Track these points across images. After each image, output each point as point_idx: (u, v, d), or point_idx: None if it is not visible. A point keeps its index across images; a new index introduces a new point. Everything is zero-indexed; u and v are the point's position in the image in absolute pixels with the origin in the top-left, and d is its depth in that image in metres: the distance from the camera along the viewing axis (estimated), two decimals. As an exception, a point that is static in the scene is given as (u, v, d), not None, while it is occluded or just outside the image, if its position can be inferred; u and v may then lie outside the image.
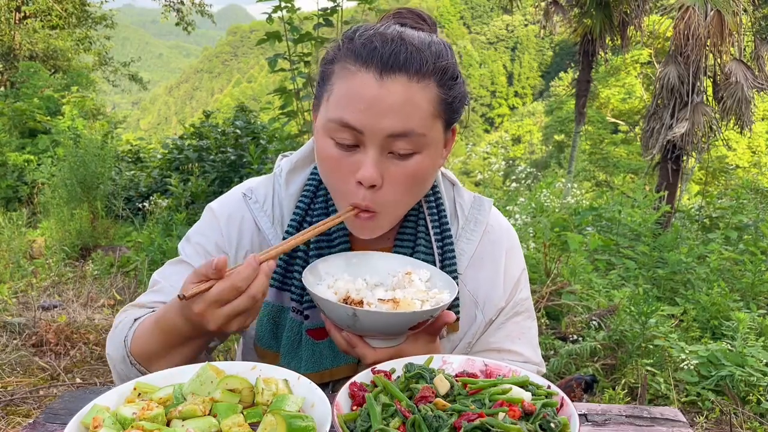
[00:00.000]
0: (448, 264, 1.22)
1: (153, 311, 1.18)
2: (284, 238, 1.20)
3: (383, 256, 1.17)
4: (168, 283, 1.23)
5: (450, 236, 1.24)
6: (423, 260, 1.21)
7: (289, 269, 1.21)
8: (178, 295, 0.98)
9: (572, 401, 0.85)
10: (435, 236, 1.23)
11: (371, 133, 1.04)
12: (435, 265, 1.21)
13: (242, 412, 0.83)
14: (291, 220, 1.22)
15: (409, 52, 1.04)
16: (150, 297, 1.24)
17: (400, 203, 1.13)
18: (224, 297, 0.97)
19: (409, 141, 1.05)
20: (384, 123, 1.03)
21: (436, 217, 1.25)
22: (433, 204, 1.26)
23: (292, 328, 1.19)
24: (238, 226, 1.24)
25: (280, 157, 1.33)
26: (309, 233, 1.09)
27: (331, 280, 1.11)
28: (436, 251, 1.22)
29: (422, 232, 1.23)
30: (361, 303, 1.04)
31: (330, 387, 1.21)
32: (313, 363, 1.18)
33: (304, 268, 1.16)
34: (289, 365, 1.18)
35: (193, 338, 1.07)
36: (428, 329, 1.07)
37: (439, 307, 1.02)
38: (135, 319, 1.18)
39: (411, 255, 1.22)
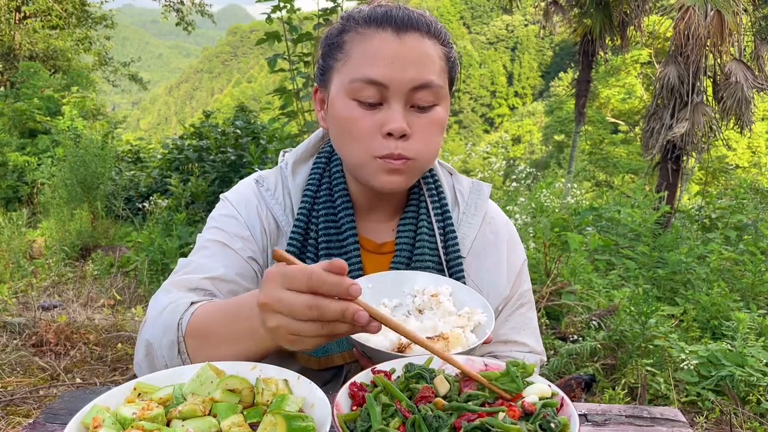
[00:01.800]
0: (450, 246, 1.25)
1: (207, 296, 1.13)
2: (295, 226, 1.22)
3: (394, 275, 1.17)
4: (204, 261, 1.17)
5: (450, 219, 1.27)
6: (426, 243, 1.22)
7: (302, 258, 1.23)
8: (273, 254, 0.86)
9: (572, 401, 0.85)
10: (437, 219, 1.26)
11: (396, 86, 1.10)
12: (438, 250, 1.24)
13: (242, 412, 0.83)
14: (300, 208, 1.24)
15: (415, 15, 1.15)
16: (187, 276, 1.15)
17: (430, 150, 1.17)
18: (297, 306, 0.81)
19: (429, 92, 1.12)
20: (407, 75, 1.10)
21: (437, 200, 1.28)
22: (433, 189, 1.29)
23: None
24: (255, 210, 1.26)
25: (282, 153, 1.36)
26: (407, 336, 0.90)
27: None
28: (438, 235, 1.25)
29: (424, 216, 1.26)
30: (409, 345, 1.01)
31: (344, 370, 1.22)
32: (327, 347, 1.18)
33: (315, 255, 1.21)
34: (304, 351, 1.18)
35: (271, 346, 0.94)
36: None
37: (486, 336, 1.02)
38: (192, 303, 1.09)
39: (414, 239, 1.24)
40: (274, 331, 0.85)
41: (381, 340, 1.02)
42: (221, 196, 1.31)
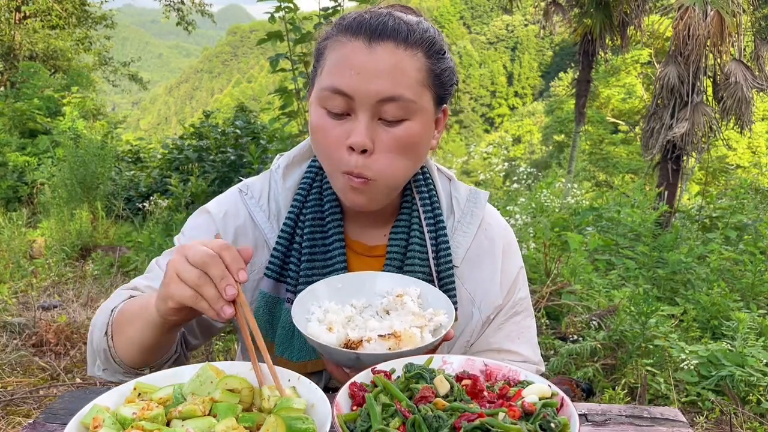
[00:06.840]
0: (442, 256, 1.23)
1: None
2: (282, 231, 1.22)
3: (367, 275, 1.16)
4: (163, 270, 1.24)
5: (444, 228, 1.25)
6: (417, 252, 1.21)
7: (286, 261, 1.22)
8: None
9: (571, 401, 0.85)
10: (428, 228, 1.24)
11: (362, 97, 1.07)
12: (428, 258, 1.22)
13: (240, 415, 0.83)
14: (288, 212, 1.24)
15: (396, 22, 1.09)
16: (142, 281, 1.27)
17: (393, 170, 1.13)
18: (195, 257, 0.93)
19: (398, 106, 1.08)
20: (373, 87, 1.06)
21: (429, 209, 1.26)
22: (426, 196, 1.27)
23: (287, 318, 1.20)
24: (234, 221, 1.26)
25: (278, 156, 1.35)
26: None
27: (320, 312, 1.08)
28: (429, 244, 1.23)
29: (416, 225, 1.24)
30: (360, 342, 1.01)
31: (324, 375, 1.22)
32: (305, 352, 1.19)
33: (299, 260, 1.20)
34: (283, 354, 1.20)
35: (158, 323, 1.03)
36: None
37: (440, 337, 1.00)
38: (131, 296, 1.21)
39: (405, 248, 1.23)
40: (167, 272, 0.94)
41: (320, 330, 1.03)
42: (202, 207, 1.30)
